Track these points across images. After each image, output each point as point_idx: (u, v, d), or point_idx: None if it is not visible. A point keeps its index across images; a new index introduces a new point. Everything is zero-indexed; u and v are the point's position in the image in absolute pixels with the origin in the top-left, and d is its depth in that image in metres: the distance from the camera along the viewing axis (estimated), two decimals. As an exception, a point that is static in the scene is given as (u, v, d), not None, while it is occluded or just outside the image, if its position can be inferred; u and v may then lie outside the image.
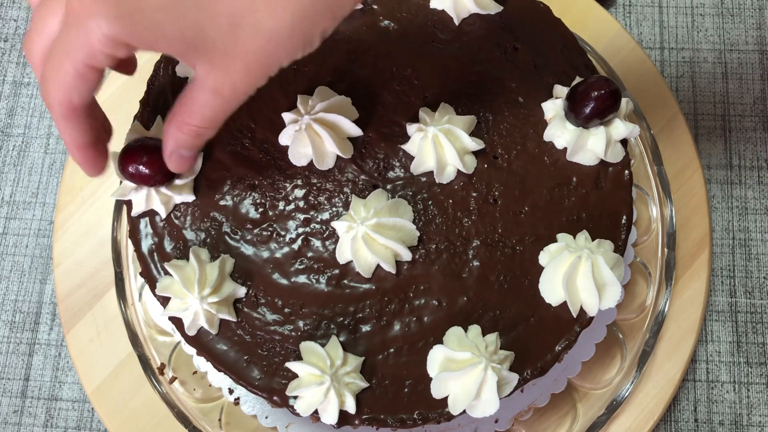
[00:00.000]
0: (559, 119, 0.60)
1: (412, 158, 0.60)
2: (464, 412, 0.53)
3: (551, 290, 0.57)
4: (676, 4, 0.88)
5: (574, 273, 0.55)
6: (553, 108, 0.61)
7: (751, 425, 0.75)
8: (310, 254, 0.59)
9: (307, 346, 0.56)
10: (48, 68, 0.41)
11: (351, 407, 0.54)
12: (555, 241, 0.58)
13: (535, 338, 0.56)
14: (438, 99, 0.62)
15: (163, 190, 0.58)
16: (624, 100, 0.58)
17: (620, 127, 0.59)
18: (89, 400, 0.74)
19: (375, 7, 0.65)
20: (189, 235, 0.59)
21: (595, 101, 0.57)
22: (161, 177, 0.56)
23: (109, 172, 0.77)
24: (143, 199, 0.58)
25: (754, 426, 0.75)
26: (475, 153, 0.60)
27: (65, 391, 0.76)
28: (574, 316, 0.56)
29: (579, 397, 0.69)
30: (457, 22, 0.64)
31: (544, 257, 0.58)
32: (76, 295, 0.74)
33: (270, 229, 0.59)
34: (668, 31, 0.87)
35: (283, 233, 0.59)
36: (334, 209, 0.60)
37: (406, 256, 0.57)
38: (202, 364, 0.68)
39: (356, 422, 0.55)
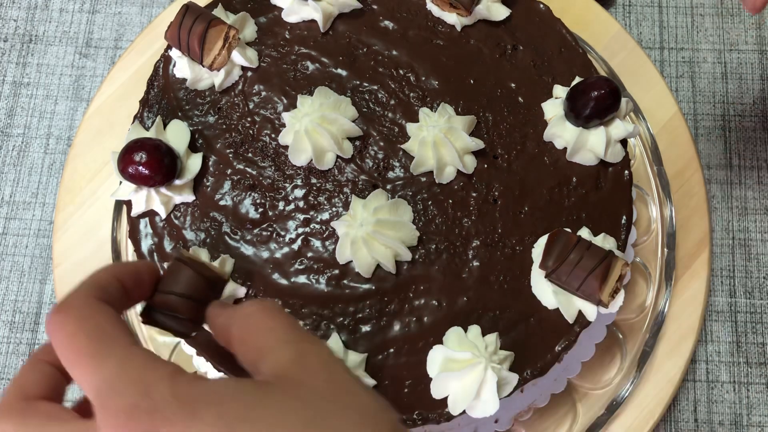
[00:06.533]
0: (559, 119, 0.60)
1: (412, 158, 0.60)
2: (464, 412, 0.53)
3: (545, 293, 0.57)
4: (676, 4, 0.88)
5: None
6: (553, 108, 0.61)
7: (751, 425, 0.75)
8: (309, 254, 0.59)
9: None
10: None
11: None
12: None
13: (535, 338, 0.56)
14: (438, 99, 0.62)
15: (163, 190, 0.58)
16: (624, 100, 0.58)
17: (620, 127, 0.59)
18: (89, 400, 0.74)
19: (375, 7, 0.65)
20: (189, 235, 0.59)
21: (595, 101, 0.57)
22: (161, 177, 0.56)
23: (108, 172, 0.78)
24: (143, 199, 0.58)
25: (754, 426, 0.75)
26: (475, 153, 0.60)
27: (65, 391, 0.76)
28: (570, 322, 0.56)
29: (579, 397, 0.69)
30: (459, 27, 0.64)
31: (536, 252, 0.58)
32: (76, 295, 0.74)
33: (270, 229, 0.59)
34: (668, 31, 0.87)
35: (282, 233, 0.59)
36: (333, 209, 0.60)
37: (406, 256, 0.57)
38: (202, 364, 0.68)
39: (356, 422, 0.55)
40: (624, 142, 0.60)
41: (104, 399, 0.32)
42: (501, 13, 0.64)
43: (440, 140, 0.58)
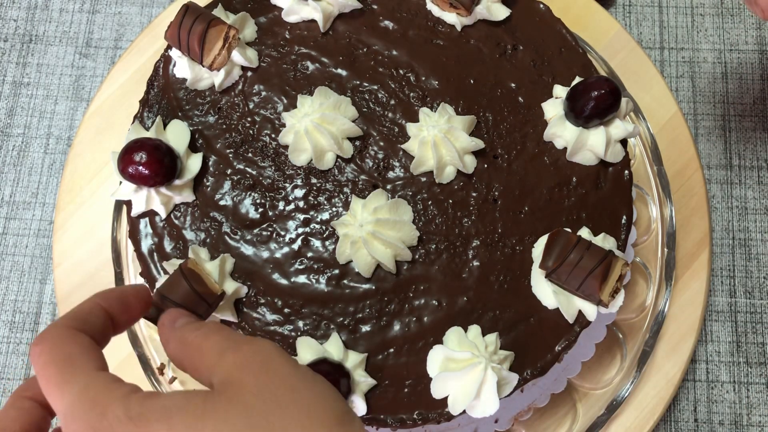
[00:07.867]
0: (559, 119, 0.60)
1: (412, 158, 0.60)
2: (464, 412, 0.53)
3: (545, 293, 0.57)
4: (676, 4, 0.88)
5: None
6: (553, 108, 0.61)
7: (751, 425, 0.75)
8: (309, 254, 0.59)
9: (304, 342, 0.55)
10: None
11: (356, 407, 0.54)
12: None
13: (535, 338, 0.56)
14: (438, 99, 0.62)
15: (163, 190, 0.58)
16: (624, 100, 0.58)
17: (620, 127, 0.59)
18: (89, 400, 0.74)
19: (375, 7, 0.65)
20: (189, 235, 0.59)
21: (595, 101, 0.57)
22: (161, 177, 0.56)
23: (108, 172, 0.78)
24: (143, 199, 0.58)
25: (754, 426, 0.75)
26: (475, 153, 0.60)
27: (65, 391, 0.76)
28: (570, 322, 0.56)
29: (579, 397, 0.69)
30: (459, 27, 0.64)
31: (536, 252, 0.58)
32: (76, 295, 0.74)
33: (270, 229, 0.59)
34: (668, 31, 0.87)
35: (282, 233, 0.59)
36: (333, 209, 0.60)
37: (406, 256, 0.57)
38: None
39: (356, 422, 0.55)
40: (624, 142, 0.60)
41: (68, 423, 0.34)
42: (501, 13, 0.64)
43: (440, 140, 0.58)
